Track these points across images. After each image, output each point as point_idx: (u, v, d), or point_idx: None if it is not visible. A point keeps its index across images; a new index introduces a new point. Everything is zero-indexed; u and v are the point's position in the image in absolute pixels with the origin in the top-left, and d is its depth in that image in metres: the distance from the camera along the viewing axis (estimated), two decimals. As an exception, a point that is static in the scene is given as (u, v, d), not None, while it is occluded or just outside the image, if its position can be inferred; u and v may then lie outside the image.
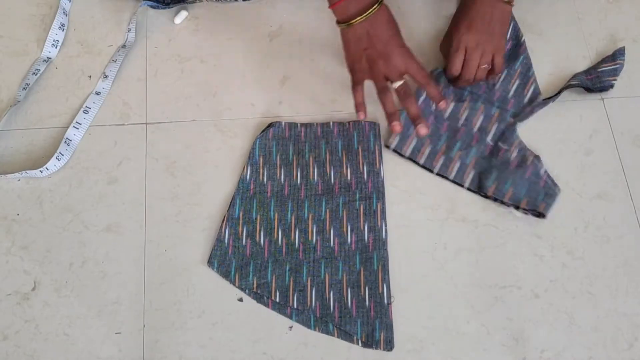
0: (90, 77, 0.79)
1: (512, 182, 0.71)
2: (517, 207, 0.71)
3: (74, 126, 0.74)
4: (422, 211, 0.72)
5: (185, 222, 0.71)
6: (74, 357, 0.65)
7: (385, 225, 0.70)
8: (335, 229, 0.70)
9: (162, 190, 0.72)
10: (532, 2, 0.84)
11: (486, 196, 0.72)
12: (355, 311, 0.66)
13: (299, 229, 0.70)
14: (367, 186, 0.72)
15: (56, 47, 0.80)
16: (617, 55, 0.79)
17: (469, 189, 0.73)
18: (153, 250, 0.69)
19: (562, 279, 0.69)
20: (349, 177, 0.72)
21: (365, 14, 0.66)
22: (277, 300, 0.67)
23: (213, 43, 0.81)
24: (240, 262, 0.68)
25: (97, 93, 0.77)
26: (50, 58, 0.80)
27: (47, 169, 0.72)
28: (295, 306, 0.66)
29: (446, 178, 0.73)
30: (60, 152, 0.72)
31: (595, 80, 0.78)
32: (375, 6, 0.66)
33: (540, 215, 0.70)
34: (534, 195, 0.71)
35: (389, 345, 0.65)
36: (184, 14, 0.82)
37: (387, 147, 0.74)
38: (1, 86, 0.78)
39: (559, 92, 0.77)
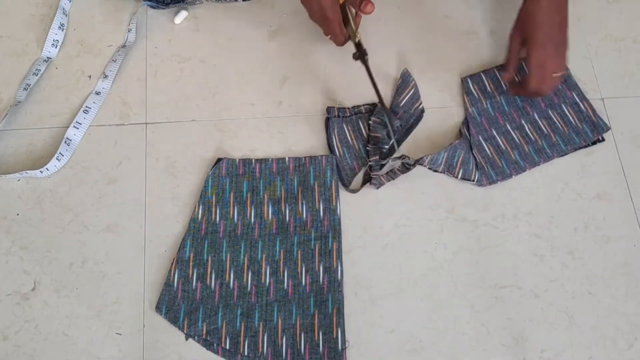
0: (90, 77, 0.79)
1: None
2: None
3: (74, 126, 0.74)
4: (422, 211, 0.72)
5: (185, 222, 0.71)
6: (74, 357, 0.65)
7: (341, 266, 0.68)
8: (289, 270, 0.68)
9: (162, 190, 0.72)
10: (532, 2, 0.84)
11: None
12: (308, 357, 0.64)
13: (252, 271, 0.67)
14: (323, 224, 0.69)
15: (56, 47, 0.80)
16: (407, 78, 0.77)
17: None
18: (153, 250, 0.69)
19: (562, 279, 0.69)
20: (304, 215, 0.70)
21: None
22: (227, 347, 0.64)
23: (213, 43, 0.81)
24: (190, 307, 0.66)
25: (97, 93, 0.77)
26: (50, 58, 0.80)
27: (47, 170, 0.72)
28: (246, 353, 0.64)
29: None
30: (60, 153, 0.72)
31: (405, 116, 0.75)
32: None
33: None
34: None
35: None
36: (184, 14, 0.82)
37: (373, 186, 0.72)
38: (1, 86, 0.78)
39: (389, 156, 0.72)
